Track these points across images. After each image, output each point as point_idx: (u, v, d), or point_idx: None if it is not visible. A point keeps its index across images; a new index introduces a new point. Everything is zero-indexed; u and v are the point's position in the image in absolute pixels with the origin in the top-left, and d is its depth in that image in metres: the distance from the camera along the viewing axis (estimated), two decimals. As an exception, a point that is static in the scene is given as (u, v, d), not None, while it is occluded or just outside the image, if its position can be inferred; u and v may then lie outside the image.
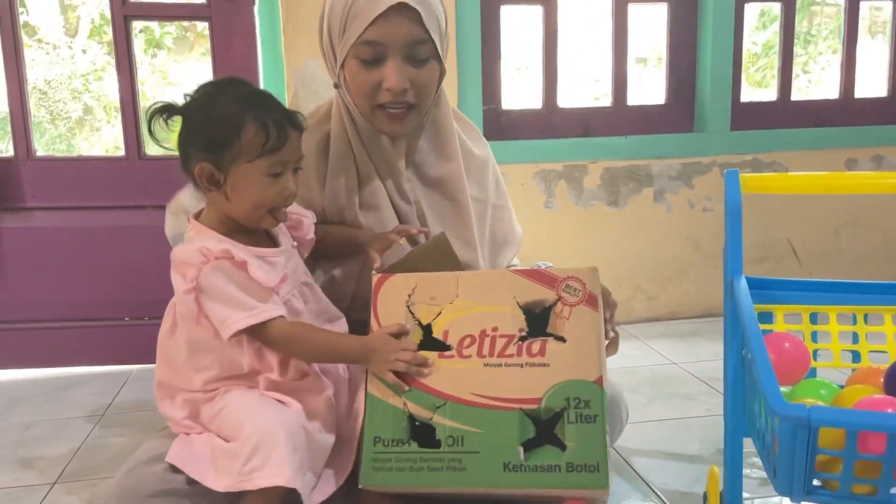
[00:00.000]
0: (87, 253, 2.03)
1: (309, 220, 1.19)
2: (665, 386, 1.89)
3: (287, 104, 1.42)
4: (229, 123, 1.02)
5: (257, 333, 1.04)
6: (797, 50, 4.21)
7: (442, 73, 1.22)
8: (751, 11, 2.79)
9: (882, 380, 1.03)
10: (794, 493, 0.93)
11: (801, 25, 4.20)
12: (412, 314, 1.09)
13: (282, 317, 1.04)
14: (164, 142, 1.09)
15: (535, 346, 1.06)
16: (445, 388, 1.06)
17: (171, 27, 4.59)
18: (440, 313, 1.09)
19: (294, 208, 1.16)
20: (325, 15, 1.20)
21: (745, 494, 1.32)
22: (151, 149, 2.04)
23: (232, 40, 2.00)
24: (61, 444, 1.60)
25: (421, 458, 1.04)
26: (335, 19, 1.17)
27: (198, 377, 1.09)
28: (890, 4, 2.61)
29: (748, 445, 1.13)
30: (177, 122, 1.07)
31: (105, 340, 2.07)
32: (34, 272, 2.02)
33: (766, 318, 1.15)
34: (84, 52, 4.84)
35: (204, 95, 1.06)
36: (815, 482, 0.97)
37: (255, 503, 0.99)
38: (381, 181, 1.27)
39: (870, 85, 2.67)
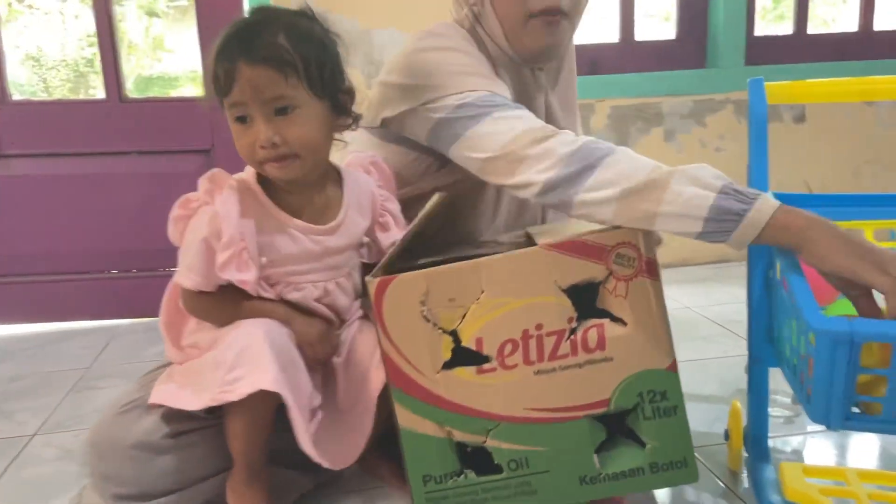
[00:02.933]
0: (68, 202, 1.93)
1: (395, 231, 1.05)
2: (679, 329, 1.77)
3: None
4: (210, 63, 0.91)
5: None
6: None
7: None
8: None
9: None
10: (833, 419, 0.84)
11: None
12: (432, 322, 0.87)
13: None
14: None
15: (592, 337, 0.86)
16: (494, 409, 0.88)
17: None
18: (465, 316, 0.86)
19: (391, 207, 1.05)
20: None
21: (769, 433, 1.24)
22: (133, 90, 1.93)
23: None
24: (45, 397, 1.53)
25: (483, 488, 0.89)
26: None
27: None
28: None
29: (771, 382, 1.04)
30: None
31: (92, 294, 1.99)
32: (13, 224, 1.93)
33: (794, 237, 1.05)
34: (77, 17, 4.72)
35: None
36: (854, 409, 0.88)
37: (239, 426, 0.91)
38: None
39: (891, 17, 2.54)
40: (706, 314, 1.89)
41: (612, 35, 2.35)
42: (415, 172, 1.13)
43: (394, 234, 1.04)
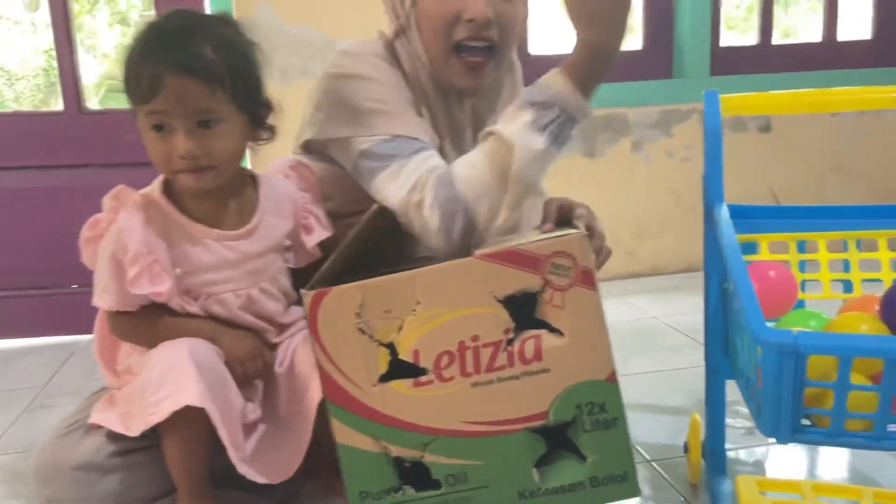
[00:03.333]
0: (27, 216, 1.90)
1: (320, 232, 1.04)
2: (645, 339, 1.79)
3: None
4: (124, 64, 0.90)
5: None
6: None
7: (527, 13, 1.08)
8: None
9: (877, 308, 0.94)
10: (782, 432, 0.84)
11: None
12: (368, 335, 0.86)
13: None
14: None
15: (529, 349, 0.86)
16: (431, 422, 0.87)
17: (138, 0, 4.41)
18: (401, 328, 0.86)
19: (314, 209, 1.03)
20: None
21: (728, 445, 1.23)
22: (93, 101, 1.91)
23: (176, -17, 1.87)
24: (-3, 416, 1.49)
25: (422, 503, 0.88)
26: None
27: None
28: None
29: (733, 394, 1.04)
30: None
31: (51, 310, 1.95)
32: (-29, 238, 1.89)
33: (749, 248, 1.06)
34: (47, 26, 4.66)
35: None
36: (804, 421, 0.88)
37: (174, 447, 0.90)
38: (448, 149, 1.11)
39: (855, 28, 2.57)
40: (673, 324, 1.89)
41: (579, 46, 2.36)
42: (346, 187, 1.09)
43: (318, 235, 1.03)
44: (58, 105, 1.91)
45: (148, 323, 0.94)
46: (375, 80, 1.01)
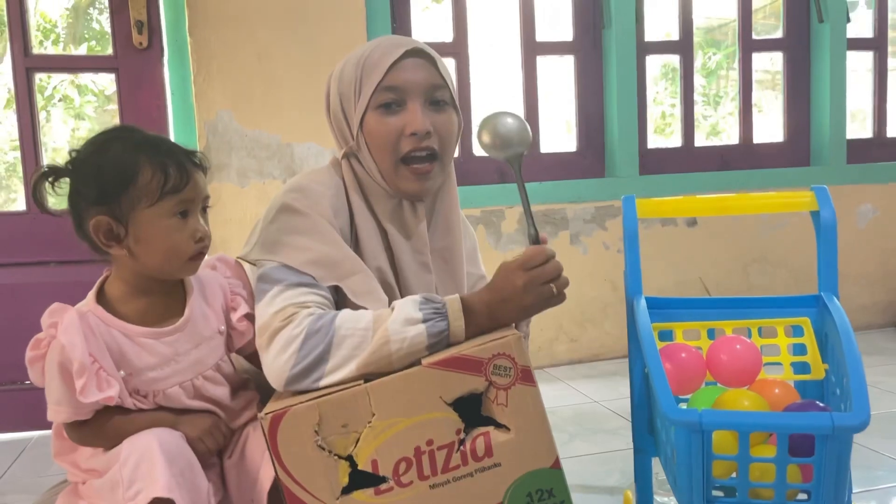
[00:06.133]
0: (-17, 313, 1.92)
1: (244, 308, 1.09)
2: (587, 423, 1.89)
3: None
4: (123, 167, 0.96)
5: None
6: (707, 111, 4.47)
7: (460, 124, 1.18)
8: (653, 63, 2.95)
9: (776, 391, 1.06)
10: (695, 502, 0.94)
11: (710, 88, 4.48)
12: (327, 450, 0.90)
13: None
14: (53, 206, 1.00)
15: (480, 446, 0.91)
16: None
17: (92, 96, 4.51)
18: (358, 441, 0.91)
19: (242, 291, 1.09)
20: (334, 86, 1.16)
21: (661, 521, 1.32)
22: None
23: (140, 92, 1.99)
24: (-55, 516, 1.49)
25: None
26: (347, 82, 1.13)
27: None
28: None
29: (662, 471, 1.13)
30: (65, 186, 0.99)
31: (3, 406, 1.94)
32: (-76, 335, 1.90)
33: (665, 336, 1.17)
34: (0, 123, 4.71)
35: (92, 146, 1.00)
36: (716, 492, 0.98)
37: None
38: (405, 251, 1.17)
39: (770, 132, 2.83)
40: (612, 408, 1.99)
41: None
42: None
43: (242, 310, 1.08)
44: (7, 197, 1.95)
45: (107, 426, 0.99)
46: (306, 215, 1.08)
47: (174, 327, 1.02)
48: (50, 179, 0.98)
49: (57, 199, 1.03)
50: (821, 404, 1.00)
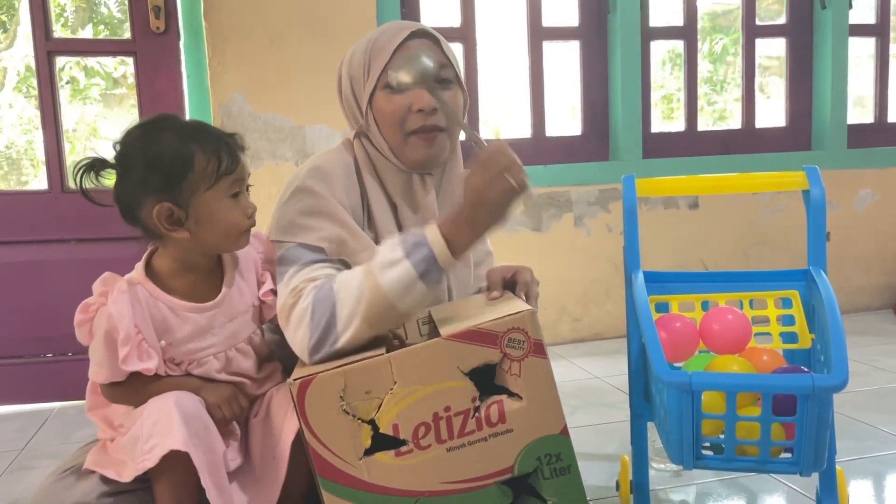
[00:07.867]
0: (7, 289, 2.00)
1: (269, 283, 1.15)
2: (588, 397, 1.96)
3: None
4: (180, 156, 1.03)
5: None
6: (713, 96, 4.51)
7: (465, 100, 1.23)
8: (659, 49, 2.99)
9: (765, 357, 1.12)
10: (686, 459, 1.00)
11: (717, 73, 4.52)
12: (351, 415, 0.97)
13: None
14: (98, 198, 1.05)
15: (494, 413, 0.97)
16: (413, 486, 0.97)
17: (99, 79, 4.56)
18: (381, 406, 0.97)
19: (269, 266, 1.16)
20: (345, 71, 1.22)
21: (658, 486, 1.39)
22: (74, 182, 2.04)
23: (157, 75, 2.05)
24: (-24, 478, 1.57)
25: None
26: (357, 65, 1.19)
27: None
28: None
29: (659, 439, 1.19)
30: (108, 175, 1.06)
31: (26, 378, 2.02)
32: (-48, 309, 1.98)
33: (662, 308, 1.23)
34: (10, 106, 4.77)
35: (141, 139, 1.06)
36: (705, 450, 1.04)
37: (165, 493, 1.00)
38: (413, 225, 1.22)
39: (775, 117, 2.87)
40: (613, 383, 2.06)
41: (524, 131, 2.60)
42: None
43: (267, 285, 1.15)
44: (18, 181, 2.00)
45: (137, 387, 1.06)
46: (320, 196, 1.14)
47: (214, 302, 1.10)
48: (94, 171, 1.04)
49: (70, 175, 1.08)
50: (805, 369, 1.06)
